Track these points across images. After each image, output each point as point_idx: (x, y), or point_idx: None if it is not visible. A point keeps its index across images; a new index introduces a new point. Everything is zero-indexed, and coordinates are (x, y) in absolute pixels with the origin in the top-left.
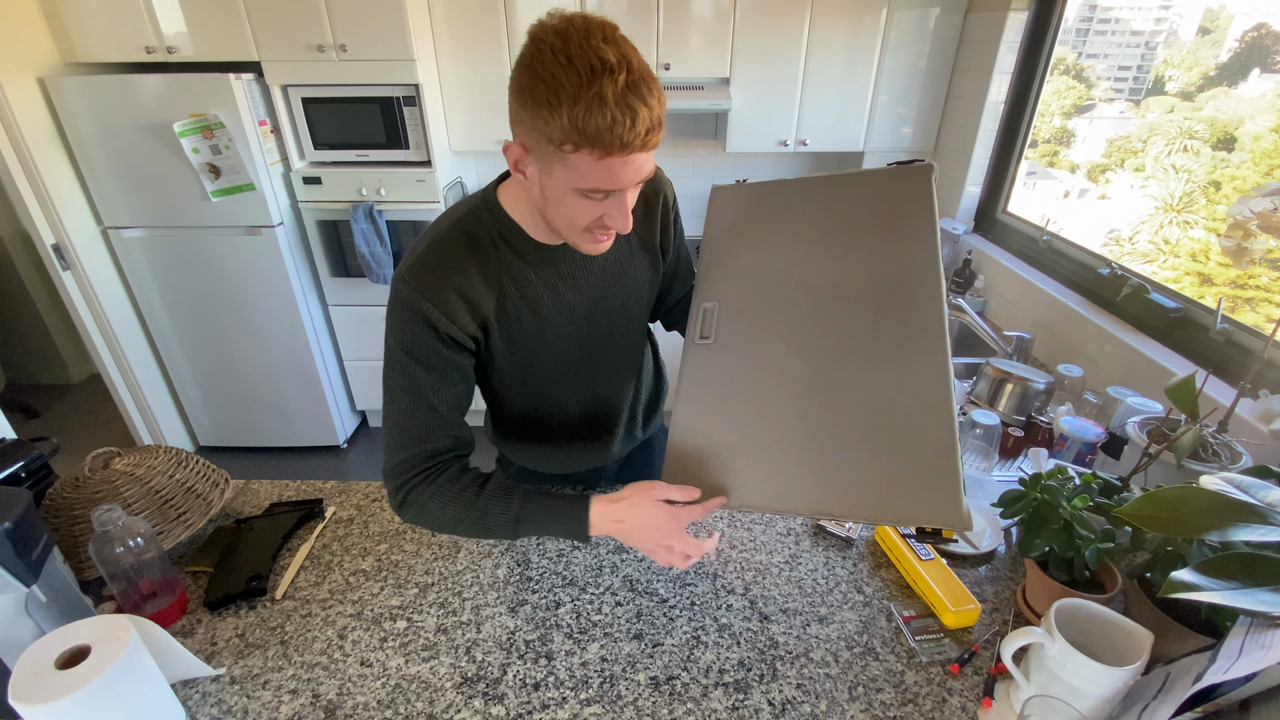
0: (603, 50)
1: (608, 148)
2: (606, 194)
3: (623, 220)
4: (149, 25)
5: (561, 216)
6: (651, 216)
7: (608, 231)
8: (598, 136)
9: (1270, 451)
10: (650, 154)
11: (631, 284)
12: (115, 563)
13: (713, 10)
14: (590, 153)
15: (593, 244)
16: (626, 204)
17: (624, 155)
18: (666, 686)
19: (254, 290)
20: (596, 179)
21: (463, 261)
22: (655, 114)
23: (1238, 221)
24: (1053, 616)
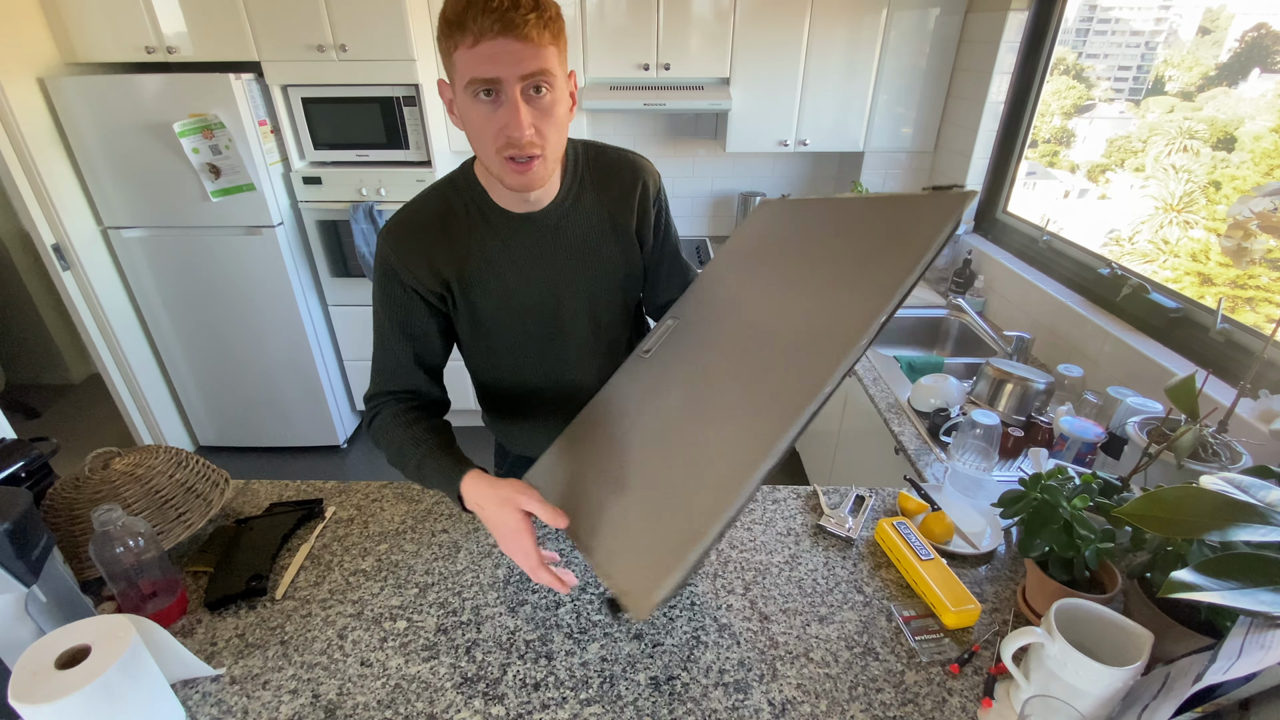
0: None
1: (472, 33)
2: (493, 92)
3: (518, 128)
4: (149, 25)
5: (476, 141)
6: (627, 200)
7: (524, 157)
8: (460, 20)
9: (1270, 451)
10: (530, 47)
11: (601, 264)
12: (115, 563)
13: (713, 10)
14: (463, 41)
15: (513, 173)
16: (518, 105)
17: (491, 40)
18: (666, 686)
19: (254, 290)
20: (475, 67)
21: (433, 225)
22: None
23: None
24: (1053, 616)
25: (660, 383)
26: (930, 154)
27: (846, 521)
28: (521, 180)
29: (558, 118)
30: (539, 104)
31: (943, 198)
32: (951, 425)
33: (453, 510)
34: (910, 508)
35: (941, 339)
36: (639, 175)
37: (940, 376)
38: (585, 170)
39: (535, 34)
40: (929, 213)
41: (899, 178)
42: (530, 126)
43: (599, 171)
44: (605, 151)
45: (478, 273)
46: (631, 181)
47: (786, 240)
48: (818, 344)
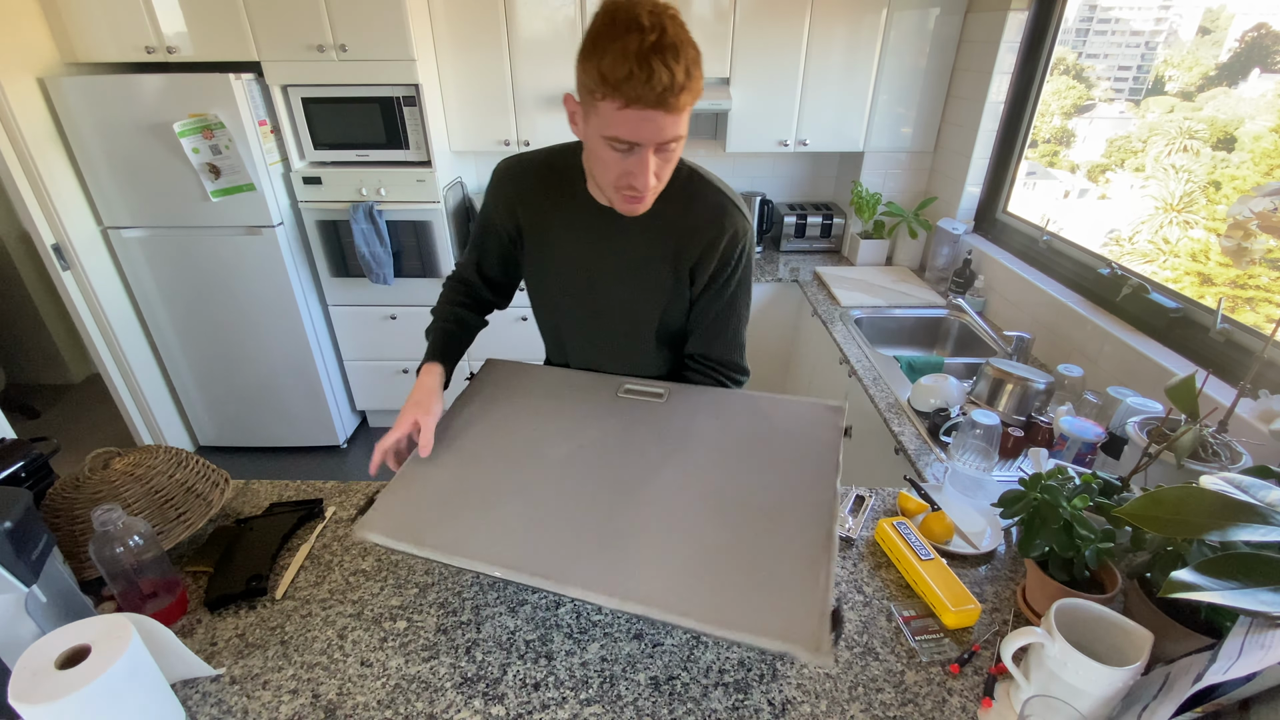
0: (641, 15)
1: (626, 98)
2: (629, 147)
3: (643, 179)
4: (149, 25)
5: (597, 168)
6: (699, 238)
7: (638, 194)
8: (617, 85)
9: (1270, 451)
10: (673, 117)
11: (647, 280)
12: (115, 563)
13: (713, 10)
14: (612, 101)
15: (625, 203)
16: (647, 163)
17: (640, 109)
18: (666, 686)
19: (254, 290)
20: (618, 127)
21: (531, 176)
22: (676, 78)
23: (1238, 221)
24: (1053, 616)
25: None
26: (930, 154)
27: (846, 521)
28: (630, 209)
29: (675, 160)
30: (665, 154)
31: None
32: (951, 425)
33: None
34: (910, 508)
35: (941, 339)
36: (724, 227)
37: (940, 376)
38: (678, 193)
39: (681, 104)
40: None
41: (899, 177)
42: (654, 177)
43: (688, 200)
44: (707, 187)
45: (541, 233)
46: (712, 226)
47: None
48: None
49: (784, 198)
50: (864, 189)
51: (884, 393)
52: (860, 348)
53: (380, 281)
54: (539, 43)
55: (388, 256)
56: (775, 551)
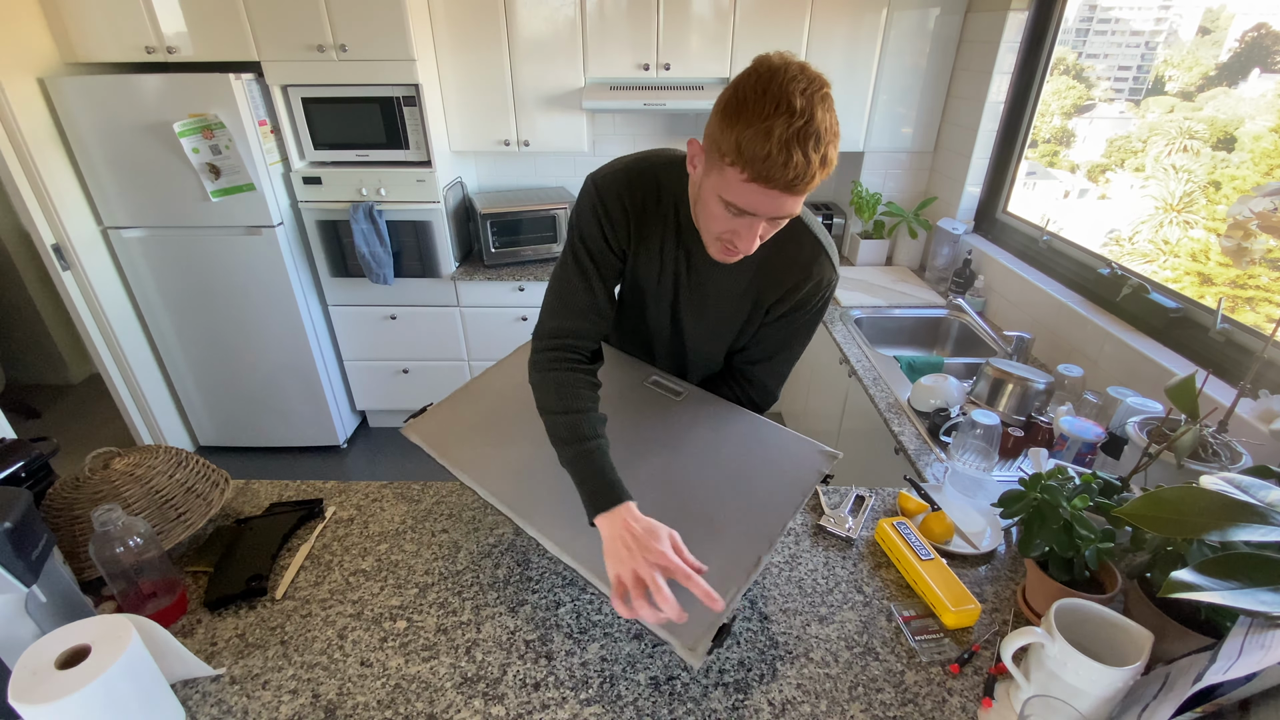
0: (794, 97)
1: (756, 175)
2: (741, 213)
3: (747, 242)
4: (149, 25)
5: (703, 217)
6: (784, 282)
7: (735, 248)
8: (752, 161)
9: (1270, 451)
10: (795, 199)
11: (725, 311)
12: (115, 563)
13: (713, 10)
14: (741, 172)
15: (721, 252)
16: (755, 230)
17: (766, 187)
18: (666, 686)
19: (254, 290)
20: (737, 195)
21: (644, 194)
22: (812, 167)
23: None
24: (1053, 616)
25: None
26: (930, 154)
27: (846, 521)
28: (725, 259)
29: (782, 225)
30: (774, 224)
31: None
32: (951, 425)
33: (452, 510)
34: (910, 508)
35: (941, 339)
36: (811, 274)
37: (940, 376)
38: (779, 238)
39: (808, 188)
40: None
41: (899, 177)
42: (759, 241)
43: (783, 241)
44: (804, 233)
45: (646, 255)
46: (799, 271)
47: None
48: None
49: None
50: (864, 189)
51: (884, 393)
52: (860, 348)
53: (380, 281)
54: (539, 43)
55: (388, 256)
56: (705, 557)
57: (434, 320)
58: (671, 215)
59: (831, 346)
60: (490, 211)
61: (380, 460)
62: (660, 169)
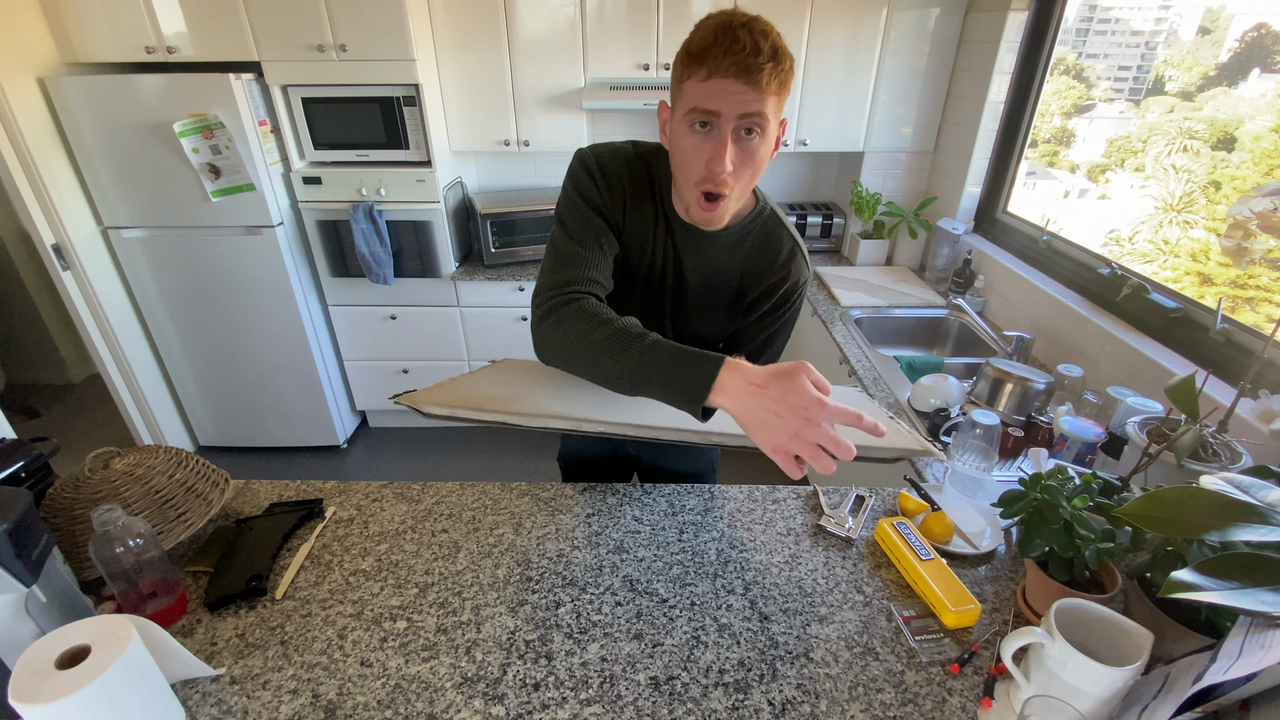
0: (735, 8)
1: (709, 69)
2: (707, 120)
3: (719, 161)
4: (149, 25)
5: (678, 168)
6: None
7: (716, 195)
8: (701, 55)
9: (1270, 451)
10: (755, 91)
11: (709, 306)
12: (115, 563)
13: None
14: (697, 74)
15: (702, 206)
16: (726, 143)
17: (724, 78)
18: (666, 686)
19: (254, 290)
20: (699, 98)
21: (639, 178)
22: (761, 50)
23: (1238, 221)
24: (1053, 616)
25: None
26: (930, 154)
27: (846, 521)
28: (706, 217)
29: (757, 161)
30: (745, 145)
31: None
32: (951, 425)
33: (452, 510)
34: (910, 508)
35: (941, 339)
36: (789, 274)
37: (940, 376)
38: (757, 231)
39: (764, 80)
40: None
41: (899, 177)
42: (731, 163)
43: (763, 240)
44: (782, 230)
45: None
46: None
47: None
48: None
49: (784, 197)
50: (864, 189)
51: (884, 393)
52: (860, 348)
53: (380, 281)
54: (539, 43)
55: (388, 256)
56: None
57: (434, 320)
58: (661, 206)
59: (831, 346)
60: (490, 211)
61: (380, 460)
62: (652, 160)
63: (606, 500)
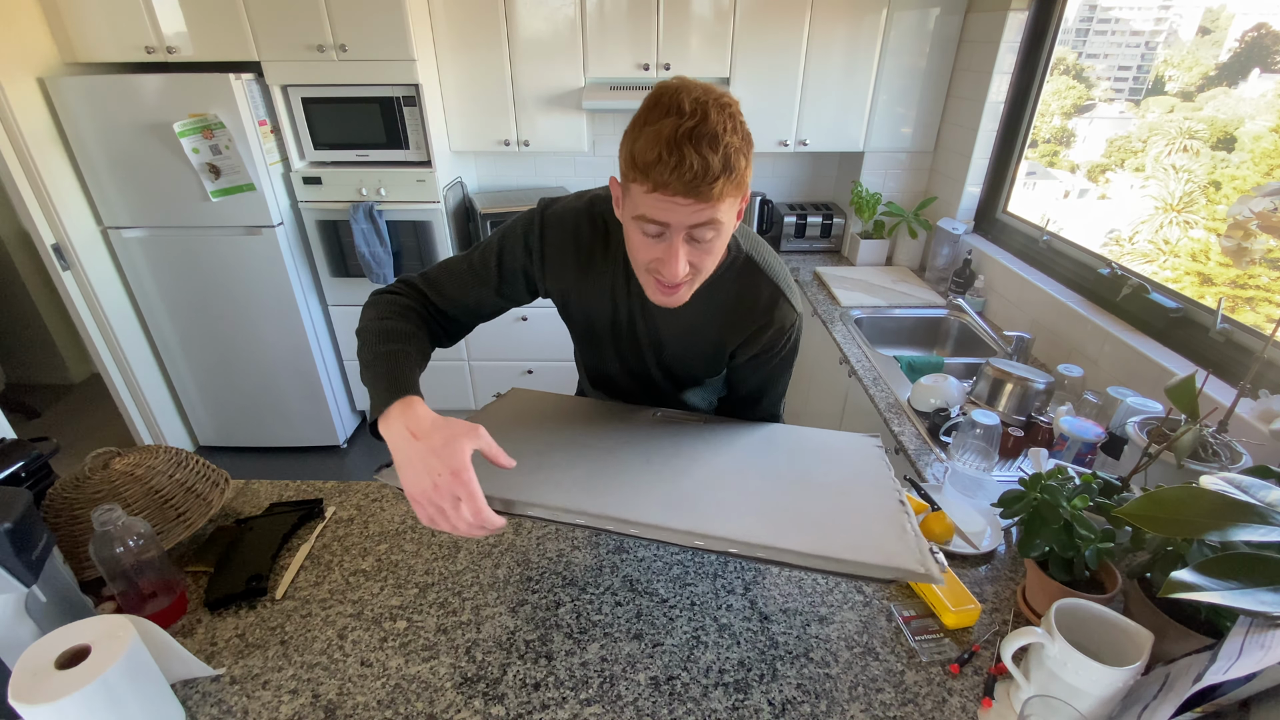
0: (683, 101)
1: (655, 184)
2: (658, 229)
3: (671, 268)
4: (149, 25)
5: (631, 251)
6: (745, 325)
7: (666, 284)
8: (646, 169)
9: (1270, 451)
10: (705, 206)
11: (693, 352)
12: (115, 563)
13: (713, 10)
14: (641, 185)
15: (655, 291)
16: (677, 251)
17: (667, 195)
18: (666, 686)
19: (254, 290)
20: (646, 208)
21: (591, 239)
22: (710, 167)
23: (1238, 221)
24: (1053, 616)
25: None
26: (930, 154)
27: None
28: (663, 300)
29: (716, 250)
30: (700, 245)
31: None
32: (951, 425)
33: None
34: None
35: (941, 339)
36: (773, 320)
37: (940, 376)
38: (730, 281)
39: (715, 193)
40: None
41: (899, 177)
42: (685, 265)
43: (740, 290)
44: (760, 277)
45: (595, 299)
46: (761, 316)
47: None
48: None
49: (784, 198)
50: (864, 189)
51: (884, 393)
52: (860, 348)
53: (380, 281)
54: (539, 43)
55: (388, 256)
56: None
57: None
58: (621, 259)
59: (831, 346)
60: (490, 211)
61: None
62: (610, 212)
63: None
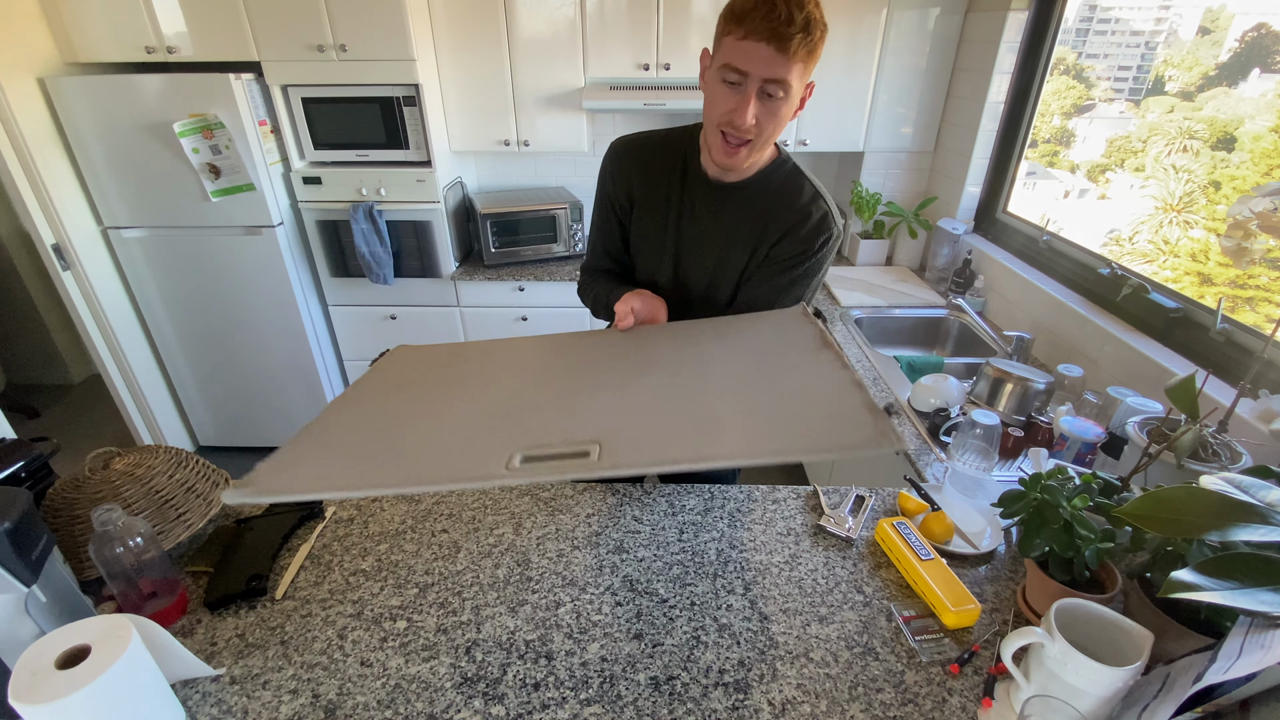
0: None
1: (745, 29)
2: (738, 78)
3: (741, 114)
4: (149, 25)
5: (707, 106)
6: (784, 219)
7: (736, 141)
8: (740, 18)
9: (1270, 451)
10: (783, 58)
11: (731, 253)
12: (115, 563)
13: (712, 10)
14: (734, 34)
15: (723, 149)
16: (749, 99)
17: (757, 40)
18: (666, 686)
19: (254, 290)
20: (732, 56)
21: (647, 154)
22: (794, 18)
23: (1238, 221)
24: (1053, 616)
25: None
26: (930, 154)
27: (846, 521)
28: (726, 160)
29: (779, 118)
30: (769, 103)
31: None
32: (951, 425)
33: (452, 510)
34: (910, 508)
35: (941, 339)
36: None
37: (940, 376)
38: (779, 181)
39: (793, 48)
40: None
41: (899, 177)
42: (753, 118)
43: (784, 188)
44: (806, 182)
45: (651, 205)
46: (799, 211)
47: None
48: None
49: None
50: (864, 189)
51: (884, 393)
52: (860, 348)
53: (380, 281)
54: (539, 43)
55: (388, 256)
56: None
57: (434, 320)
58: (678, 166)
59: None
60: (490, 211)
61: None
62: (672, 132)
63: (606, 500)
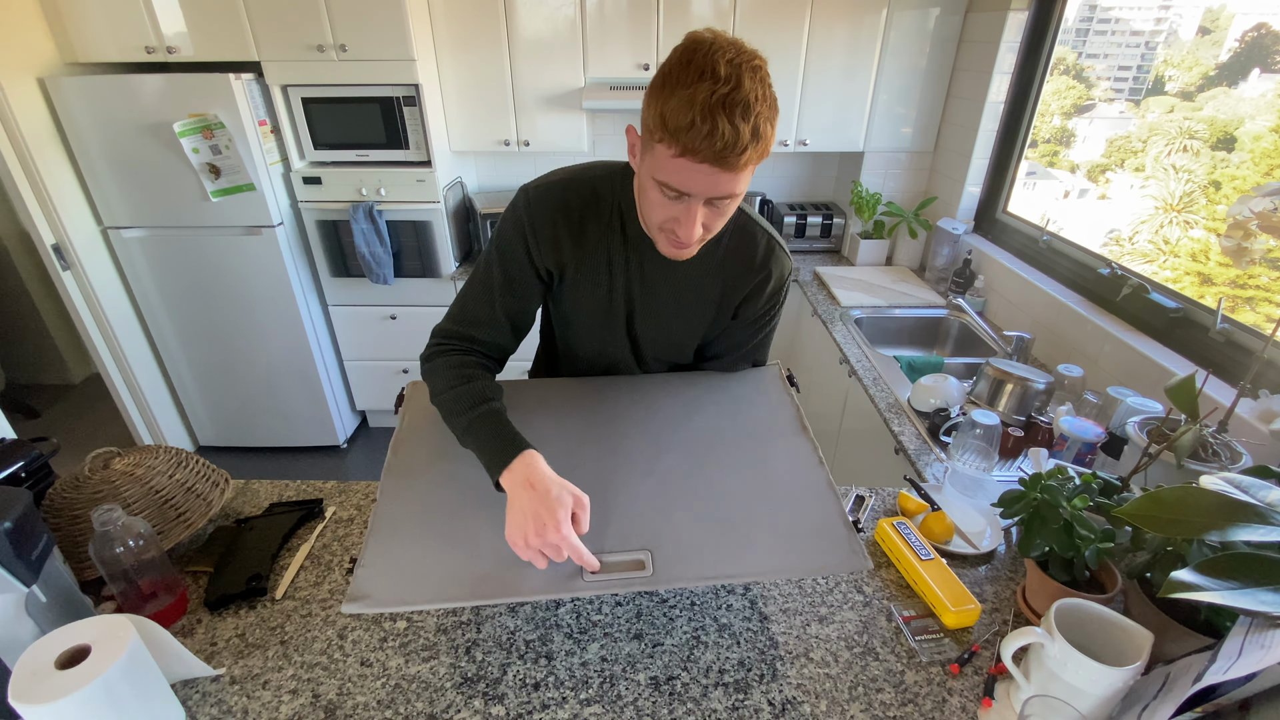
0: (719, 63)
1: (682, 147)
2: (678, 195)
3: (687, 230)
4: (149, 25)
5: (644, 206)
6: (747, 280)
7: (679, 240)
8: (676, 133)
9: (1270, 451)
10: (731, 175)
11: (690, 315)
12: (115, 563)
13: (713, 10)
14: (669, 147)
15: (666, 246)
16: (695, 215)
17: (696, 162)
18: (666, 686)
19: (254, 290)
20: (669, 174)
21: (575, 211)
22: (740, 138)
23: (1238, 221)
24: (1053, 616)
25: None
26: (930, 154)
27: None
28: (672, 253)
29: (730, 213)
30: (717, 208)
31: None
32: (951, 425)
33: None
34: (910, 508)
35: (941, 339)
36: (772, 271)
37: (940, 376)
38: (731, 233)
39: (743, 162)
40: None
41: (899, 177)
42: (700, 229)
43: (739, 243)
44: (757, 229)
45: (590, 272)
46: (762, 269)
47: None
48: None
49: (784, 198)
50: (864, 189)
51: (884, 393)
52: (860, 348)
53: (380, 281)
54: (539, 43)
55: (388, 256)
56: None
57: (434, 320)
58: (616, 224)
59: (831, 346)
60: (490, 211)
61: (380, 460)
62: (598, 180)
63: None
